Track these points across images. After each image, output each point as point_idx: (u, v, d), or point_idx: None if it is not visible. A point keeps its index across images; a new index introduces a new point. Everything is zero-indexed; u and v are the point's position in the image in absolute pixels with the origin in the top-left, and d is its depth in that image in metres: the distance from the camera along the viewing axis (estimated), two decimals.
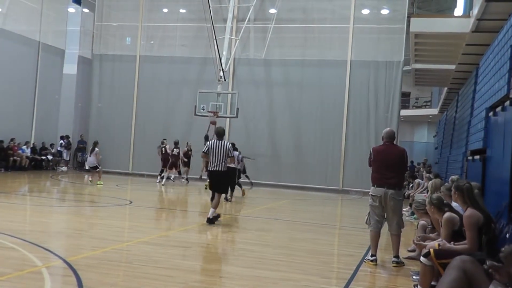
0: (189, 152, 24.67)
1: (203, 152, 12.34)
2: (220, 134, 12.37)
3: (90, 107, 29.70)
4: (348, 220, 15.86)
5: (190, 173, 25.20)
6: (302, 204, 19.88)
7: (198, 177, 24.94)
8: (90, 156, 21.59)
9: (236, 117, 24.57)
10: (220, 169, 12.20)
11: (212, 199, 13.13)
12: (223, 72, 24.44)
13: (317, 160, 26.11)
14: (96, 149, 21.38)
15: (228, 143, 12.48)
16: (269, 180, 25.85)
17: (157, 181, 23.91)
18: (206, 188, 21.36)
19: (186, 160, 24.55)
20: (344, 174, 25.71)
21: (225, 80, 24.87)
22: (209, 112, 23.88)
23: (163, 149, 23.73)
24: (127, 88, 28.98)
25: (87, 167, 22.24)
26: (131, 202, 15.98)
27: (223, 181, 12.47)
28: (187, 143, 25.00)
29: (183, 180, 24.72)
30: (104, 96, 29.47)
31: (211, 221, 12.04)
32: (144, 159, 28.18)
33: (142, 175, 27.97)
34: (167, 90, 28.32)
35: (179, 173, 24.43)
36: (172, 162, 23.51)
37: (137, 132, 28.90)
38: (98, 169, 21.47)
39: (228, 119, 26.43)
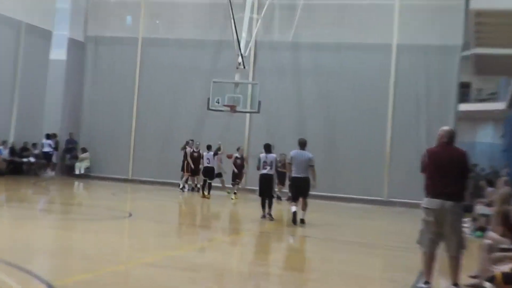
0: (194, 154, 24.38)
1: (288, 163, 16.03)
2: (302, 144, 15.92)
3: (82, 100, 29.65)
4: (393, 238, 15.67)
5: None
6: (337, 218, 19.82)
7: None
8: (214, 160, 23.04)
9: (258, 112, 24.24)
10: (303, 176, 15.55)
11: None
12: (242, 58, 24.20)
13: (355, 165, 25.75)
14: (219, 152, 23.21)
15: (310, 154, 15.69)
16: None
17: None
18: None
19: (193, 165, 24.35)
20: (389, 182, 25.42)
21: (244, 67, 24.63)
22: (225, 106, 23.75)
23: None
24: (127, 76, 28.93)
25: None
26: (130, 215, 15.99)
27: (305, 186, 15.61)
28: (194, 143, 24.76)
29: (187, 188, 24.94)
30: (99, 86, 29.35)
31: (303, 221, 15.48)
32: (147, 163, 28.15)
33: (144, 182, 27.86)
34: (174, 79, 28.09)
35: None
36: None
37: (138, 130, 28.85)
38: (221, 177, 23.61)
39: (247, 114, 26.24)
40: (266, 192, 16.41)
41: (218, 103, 23.96)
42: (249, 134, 27.03)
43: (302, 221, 15.48)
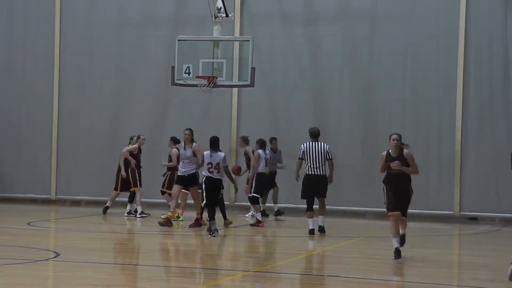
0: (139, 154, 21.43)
1: (299, 159, 16.71)
2: (315, 134, 16.58)
3: None
4: (474, 274, 13.56)
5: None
6: (384, 245, 17.01)
7: None
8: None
9: (251, 84, 20.99)
10: (320, 173, 16.36)
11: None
12: (222, 1, 21.32)
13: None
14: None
15: (326, 145, 16.67)
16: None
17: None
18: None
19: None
20: (463, 189, 22.57)
21: (227, 15, 21.50)
22: (198, 77, 20.62)
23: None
24: (42, 33, 25.06)
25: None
26: (57, 255, 14.07)
27: (322, 186, 16.54)
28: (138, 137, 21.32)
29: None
30: None
31: (322, 229, 16.56)
32: (81, 174, 24.87)
33: (76, 203, 24.98)
34: (118, 37, 24.86)
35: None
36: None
37: (64, 123, 25.04)
38: None
39: (235, 89, 23.30)
40: (215, 201, 16.68)
41: (189, 74, 21.27)
42: (238, 120, 23.91)
43: (322, 229, 16.38)
